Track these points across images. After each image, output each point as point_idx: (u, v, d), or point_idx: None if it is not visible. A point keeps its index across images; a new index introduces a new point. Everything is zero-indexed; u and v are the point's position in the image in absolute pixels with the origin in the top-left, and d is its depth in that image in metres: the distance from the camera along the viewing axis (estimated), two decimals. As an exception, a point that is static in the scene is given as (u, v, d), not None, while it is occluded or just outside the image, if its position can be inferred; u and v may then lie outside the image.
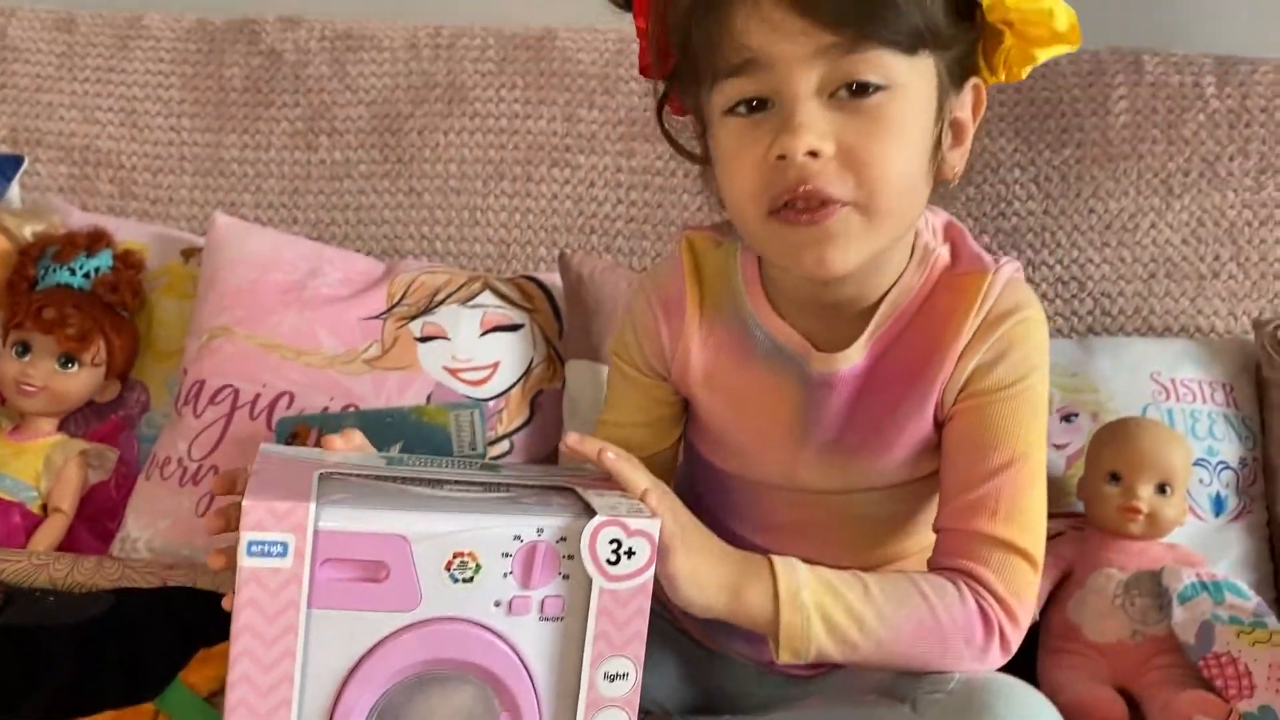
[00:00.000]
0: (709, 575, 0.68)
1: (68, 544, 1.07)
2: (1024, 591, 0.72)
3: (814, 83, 0.66)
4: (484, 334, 1.13)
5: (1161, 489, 0.93)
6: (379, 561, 0.58)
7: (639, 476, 0.68)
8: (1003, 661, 0.73)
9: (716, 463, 0.84)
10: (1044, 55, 0.71)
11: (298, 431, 1.04)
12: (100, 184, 1.31)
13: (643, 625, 0.61)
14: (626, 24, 1.26)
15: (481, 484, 0.66)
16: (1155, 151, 1.19)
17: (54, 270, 1.14)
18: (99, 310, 1.13)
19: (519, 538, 0.60)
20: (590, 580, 0.60)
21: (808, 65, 0.66)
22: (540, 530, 0.60)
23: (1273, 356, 1.07)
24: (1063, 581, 0.95)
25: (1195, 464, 1.02)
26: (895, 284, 0.75)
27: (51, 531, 1.06)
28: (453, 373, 1.11)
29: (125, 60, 1.33)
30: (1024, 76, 0.74)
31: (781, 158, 0.66)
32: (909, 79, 0.67)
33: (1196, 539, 1.01)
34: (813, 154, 0.66)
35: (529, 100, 1.28)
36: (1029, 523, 0.73)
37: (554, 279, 1.19)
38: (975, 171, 1.20)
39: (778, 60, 0.66)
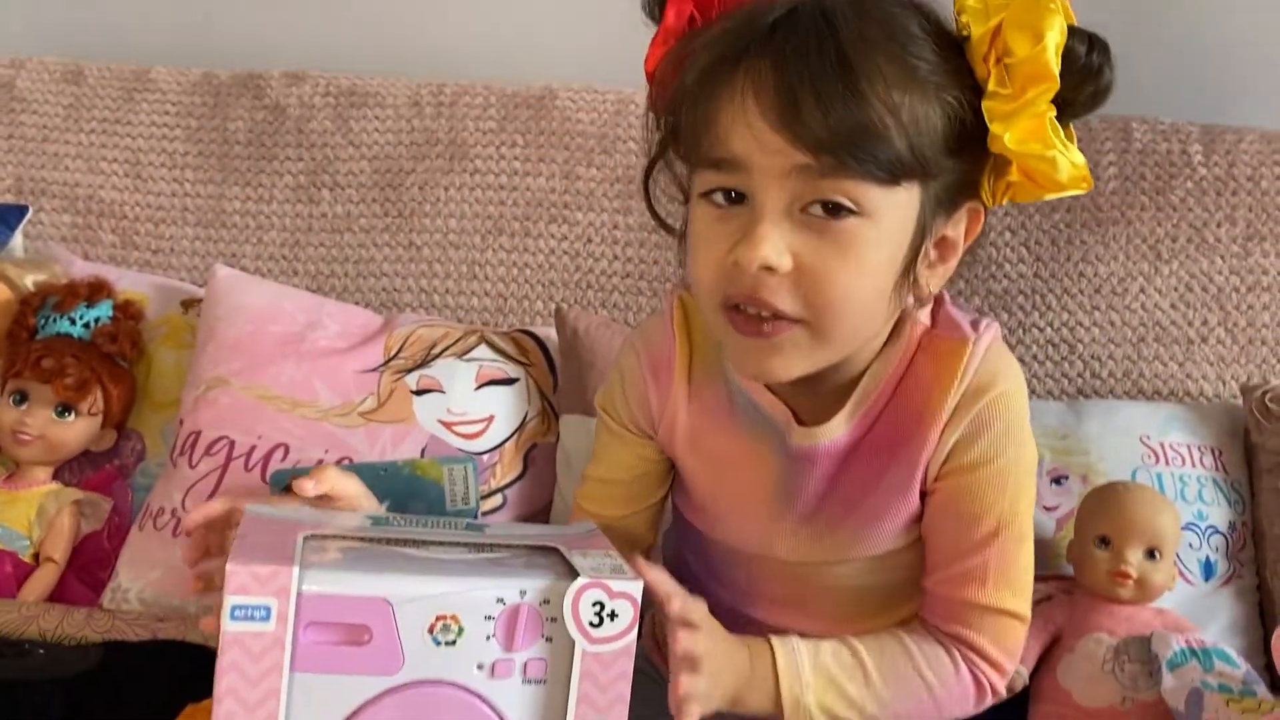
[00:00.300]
0: (718, 685, 0.68)
1: (58, 594, 1.07)
2: (1015, 647, 0.75)
3: (785, 198, 0.65)
4: (479, 387, 1.14)
5: (1151, 554, 0.94)
6: (362, 625, 0.59)
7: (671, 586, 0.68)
8: (988, 704, 0.76)
9: (700, 527, 0.84)
10: (1051, 196, 0.70)
11: (291, 484, 1.04)
12: (103, 234, 1.33)
13: (625, 688, 0.61)
14: (625, 85, 1.31)
15: (467, 544, 0.67)
16: (1144, 217, 1.20)
17: (54, 320, 1.15)
18: (97, 360, 1.13)
19: (502, 600, 0.60)
20: (573, 643, 0.60)
21: (781, 181, 0.65)
22: (523, 592, 0.60)
23: (1261, 422, 1.08)
24: (1052, 645, 0.95)
25: (1185, 528, 1.03)
26: (877, 357, 0.75)
27: (42, 581, 1.06)
28: (447, 426, 1.12)
29: (131, 112, 1.35)
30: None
31: (738, 264, 0.66)
32: (885, 208, 0.65)
33: (1186, 604, 1.01)
34: (768, 269, 0.65)
35: (529, 158, 1.30)
36: (1018, 586, 0.75)
37: (550, 333, 1.20)
38: (967, 234, 1.22)
39: (754, 169, 0.65)
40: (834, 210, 0.65)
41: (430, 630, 0.59)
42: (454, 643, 0.59)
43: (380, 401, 1.11)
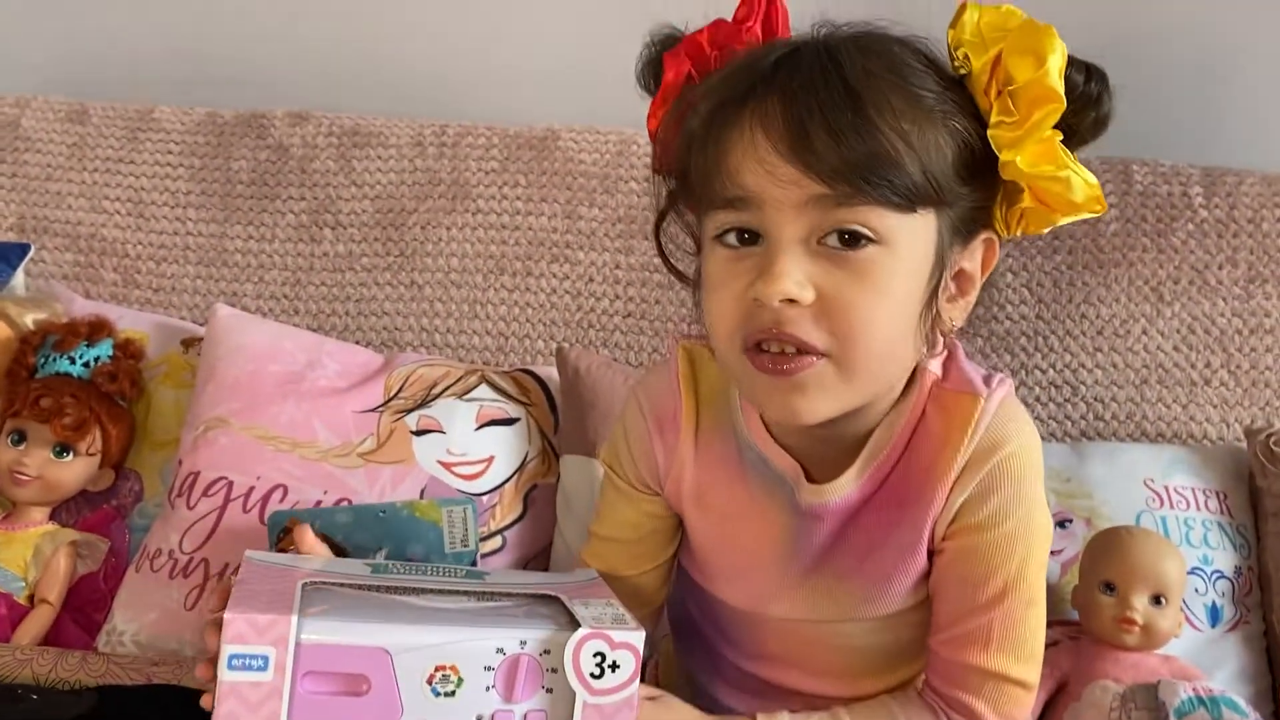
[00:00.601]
0: None
1: (53, 636, 1.06)
2: (1017, 713, 0.72)
3: (802, 230, 0.65)
4: (479, 427, 1.13)
5: (1157, 600, 0.93)
6: (360, 674, 0.58)
7: None
8: None
9: (706, 586, 0.82)
10: (1064, 220, 0.69)
11: (290, 526, 1.03)
12: (104, 272, 1.33)
13: None
14: (627, 125, 1.31)
15: (467, 593, 0.66)
16: (1145, 259, 1.21)
17: (54, 359, 1.15)
18: (96, 400, 1.13)
19: (501, 650, 0.59)
20: (574, 694, 0.59)
21: (797, 213, 0.64)
22: (523, 642, 0.59)
23: (1266, 466, 1.07)
24: (1058, 692, 0.94)
25: (1190, 573, 1.02)
26: (891, 410, 0.74)
27: (37, 623, 1.05)
28: (447, 467, 1.11)
29: (135, 151, 1.36)
30: (1043, 232, 0.71)
31: (758, 300, 0.65)
32: (903, 236, 0.65)
33: (1194, 650, 1.00)
34: (790, 301, 0.64)
35: (531, 198, 1.30)
36: (1024, 652, 0.72)
37: (551, 373, 1.20)
38: (968, 275, 1.22)
39: (767, 203, 0.65)
40: (852, 240, 0.64)
41: (429, 680, 0.59)
42: (453, 693, 0.59)
43: (380, 442, 1.11)
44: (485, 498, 1.10)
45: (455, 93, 1.40)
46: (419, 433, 1.12)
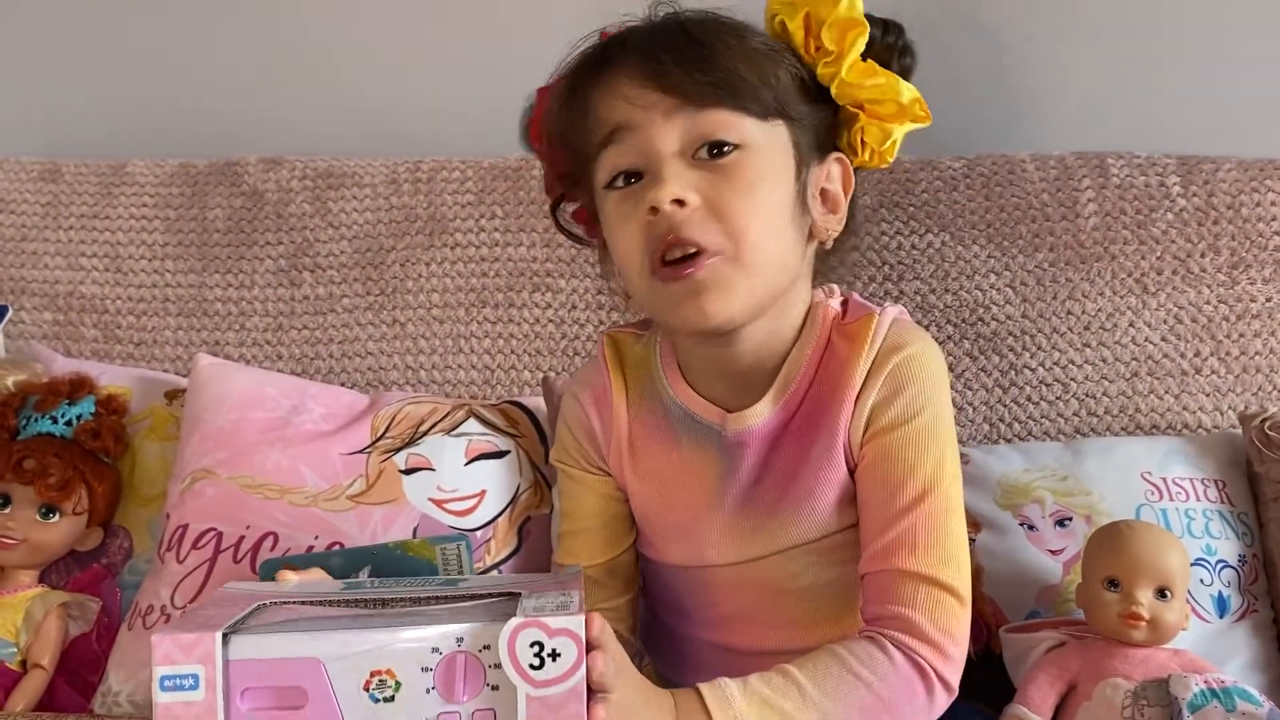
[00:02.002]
0: None
1: (47, 700, 1.04)
2: (954, 628, 0.74)
3: (675, 143, 0.75)
4: (469, 462, 1.12)
5: (1162, 593, 0.92)
6: (297, 687, 0.57)
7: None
8: (948, 702, 0.74)
9: (657, 556, 0.86)
10: (899, 131, 0.80)
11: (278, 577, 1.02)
12: (84, 329, 1.32)
13: None
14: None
15: (435, 598, 0.64)
16: (1127, 251, 1.20)
17: (35, 420, 1.14)
18: (80, 458, 1.12)
19: (437, 650, 0.57)
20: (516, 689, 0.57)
21: (666, 127, 0.74)
22: (459, 639, 0.58)
23: (1263, 451, 1.07)
24: (1069, 694, 0.92)
25: (1195, 564, 1.01)
26: (794, 345, 0.81)
27: (30, 689, 1.03)
28: (438, 504, 1.10)
29: (109, 206, 1.35)
30: (890, 159, 0.81)
31: (654, 210, 0.73)
32: (761, 140, 0.76)
33: (1203, 642, 0.99)
34: (679, 203, 0.73)
35: (509, 228, 1.30)
36: (949, 554, 0.75)
37: (538, 403, 1.19)
38: (952, 279, 1.22)
39: (639, 124, 0.75)
40: (719, 149, 0.75)
41: (365, 687, 0.57)
42: (392, 698, 0.57)
43: (369, 483, 1.10)
44: (479, 533, 1.09)
45: (428, 128, 1.40)
46: (408, 471, 1.11)
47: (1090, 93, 1.33)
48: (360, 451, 1.11)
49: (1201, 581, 1.02)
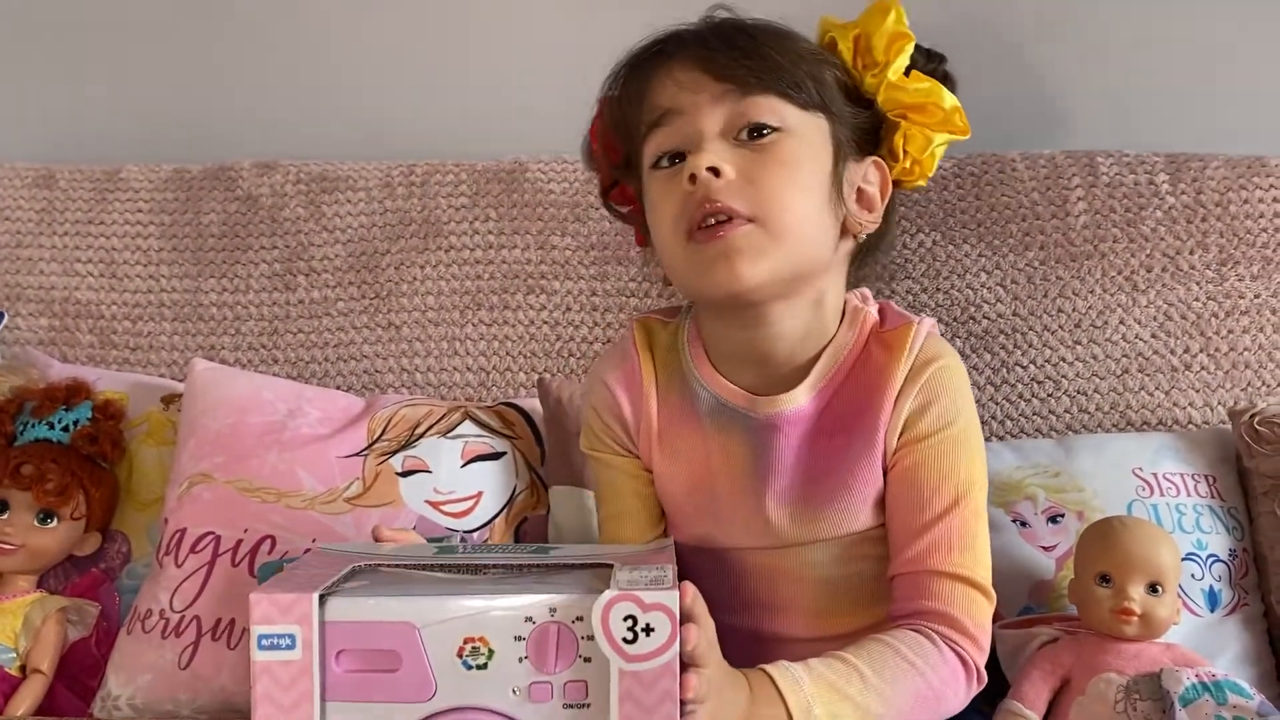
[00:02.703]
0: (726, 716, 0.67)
1: (47, 706, 1.05)
2: (985, 623, 0.80)
3: (718, 124, 0.79)
4: (465, 464, 1.13)
5: (1153, 588, 0.93)
6: (391, 651, 0.57)
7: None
8: (977, 691, 0.80)
9: (689, 539, 0.87)
10: (939, 139, 0.83)
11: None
12: (80, 334, 1.32)
13: (673, 710, 0.58)
14: (594, 153, 1.31)
15: (525, 566, 0.64)
16: (1117, 249, 1.21)
17: (32, 425, 1.14)
18: (78, 463, 1.12)
19: (530, 619, 0.57)
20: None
21: (711, 110, 0.79)
22: (553, 610, 0.58)
23: (1252, 446, 1.07)
24: (1062, 689, 0.93)
25: (1185, 559, 1.01)
26: (830, 342, 0.84)
27: (30, 694, 1.04)
28: (435, 506, 1.10)
29: (104, 212, 1.35)
30: (930, 172, 0.84)
31: (692, 179, 0.77)
32: (801, 126, 0.80)
33: (1194, 636, 0.99)
34: (714, 171, 0.77)
35: (503, 231, 1.30)
36: (979, 555, 0.80)
37: (534, 404, 1.20)
38: (943, 278, 1.22)
39: (687, 108, 0.79)
40: (757, 132, 0.79)
41: (459, 654, 0.57)
42: (485, 666, 0.57)
43: (366, 486, 1.10)
44: (476, 534, 1.09)
45: (421, 132, 1.41)
46: (405, 474, 1.11)
47: (1079, 91, 1.33)
48: (357, 454, 1.12)
49: (1192, 576, 1.03)
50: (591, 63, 0.88)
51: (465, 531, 1.09)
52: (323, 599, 0.58)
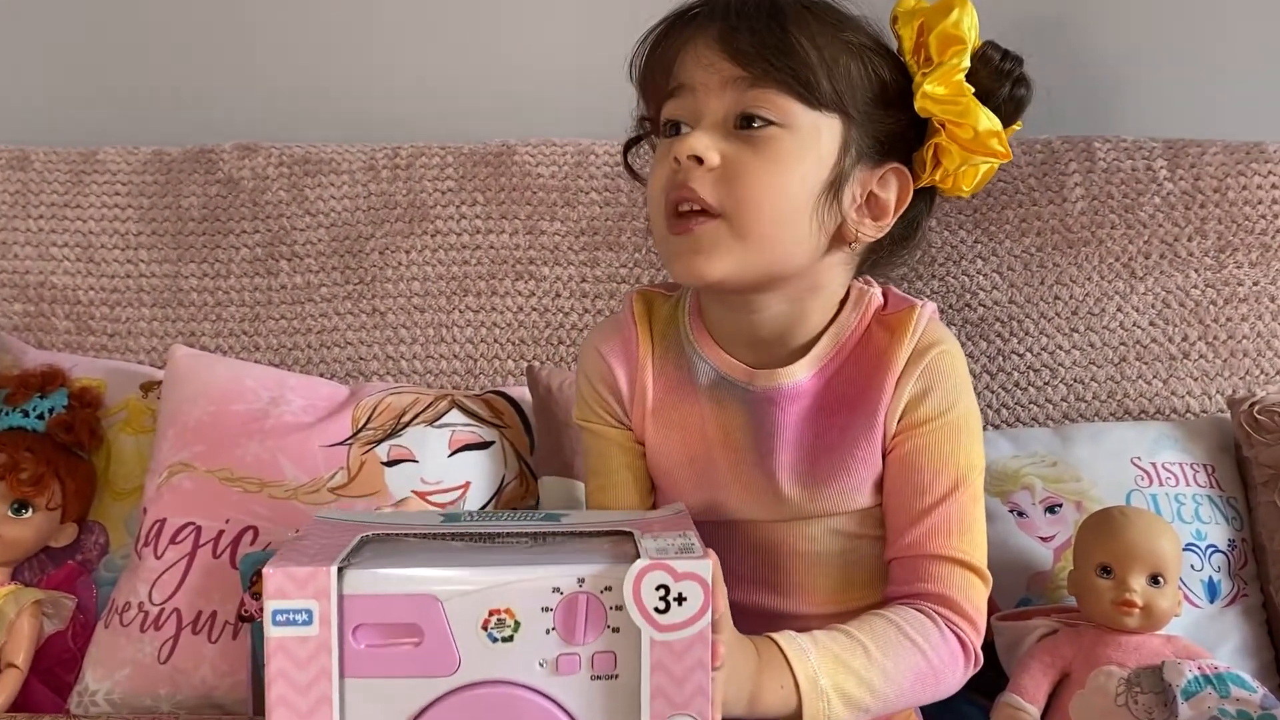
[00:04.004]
0: (734, 687, 0.67)
1: (22, 701, 1.02)
2: (982, 606, 0.80)
3: (720, 110, 0.77)
4: (453, 454, 1.11)
5: (1154, 580, 0.91)
6: (412, 624, 0.55)
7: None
8: (973, 673, 0.80)
9: (689, 511, 0.86)
10: (980, 161, 0.80)
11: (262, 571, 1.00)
12: (56, 320, 1.29)
13: (705, 679, 0.57)
14: (583, 136, 1.29)
15: (538, 534, 0.63)
16: (1114, 236, 1.19)
17: (5, 414, 1.11)
18: (53, 452, 1.09)
19: (558, 590, 0.56)
20: (640, 632, 0.56)
21: (718, 93, 0.76)
22: (581, 580, 0.56)
23: (1252, 435, 1.06)
24: (1062, 682, 0.91)
25: (1185, 549, 1.00)
26: (833, 321, 0.83)
27: (4, 689, 1.01)
28: (422, 496, 1.08)
29: (81, 195, 1.32)
30: (966, 189, 0.81)
31: (676, 161, 0.76)
32: (805, 125, 0.76)
33: (1194, 627, 0.98)
34: (697, 159, 0.75)
35: (490, 215, 1.28)
36: (976, 539, 0.80)
37: (523, 393, 1.17)
38: (939, 265, 1.21)
39: (698, 86, 0.77)
40: (752, 124, 0.76)
41: (484, 626, 0.55)
42: (511, 638, 0.56)
43: (351, 475, 1.08)
44: (463, 525, 1.07)
45: (406, 114, 1.38)
46: (391, 463, 1.09)
47: (1075, 76, 1.32)
48: (341, 443, 1.09)
49: (1192, 567, 1.02)
50: (581, 44, 0.86)
51: (453, 522, 1.07)
52: (340, 571, 0.55)
